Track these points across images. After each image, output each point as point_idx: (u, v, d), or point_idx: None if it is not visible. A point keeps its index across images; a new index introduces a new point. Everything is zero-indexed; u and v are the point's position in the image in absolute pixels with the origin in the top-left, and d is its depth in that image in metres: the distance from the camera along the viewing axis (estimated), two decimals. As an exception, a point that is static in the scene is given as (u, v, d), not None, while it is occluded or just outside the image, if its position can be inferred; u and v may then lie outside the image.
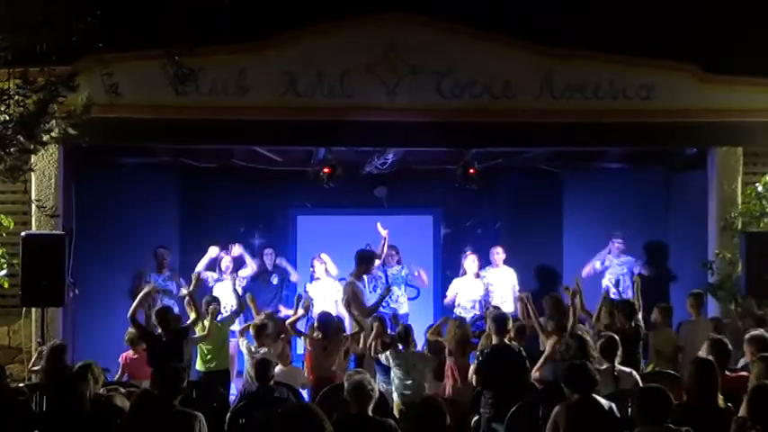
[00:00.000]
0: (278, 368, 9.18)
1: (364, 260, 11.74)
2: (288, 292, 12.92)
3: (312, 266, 12.60)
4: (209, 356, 10.48)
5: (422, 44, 11.39)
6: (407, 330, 9.80)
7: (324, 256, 12.62)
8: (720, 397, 6.86)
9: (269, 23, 11.54)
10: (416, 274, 12.96)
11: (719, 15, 12.22)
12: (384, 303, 12.37)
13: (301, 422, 5.62)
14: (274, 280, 12.93)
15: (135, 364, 10.22)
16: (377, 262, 12.10)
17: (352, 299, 11.19)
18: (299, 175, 13.16)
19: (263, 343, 10.01)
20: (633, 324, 9.91)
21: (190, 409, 6.94)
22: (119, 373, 10.30)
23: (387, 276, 12.66)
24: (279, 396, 8.26)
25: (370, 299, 11.64)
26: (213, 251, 12.41)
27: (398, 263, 12.94)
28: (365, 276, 11.80)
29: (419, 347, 10.09)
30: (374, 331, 10.08)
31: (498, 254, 13.03)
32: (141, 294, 10.12)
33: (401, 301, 12.73)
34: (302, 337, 10.43)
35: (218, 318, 10.56)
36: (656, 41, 12.02)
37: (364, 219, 14.03)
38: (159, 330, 9.76)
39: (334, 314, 11.01)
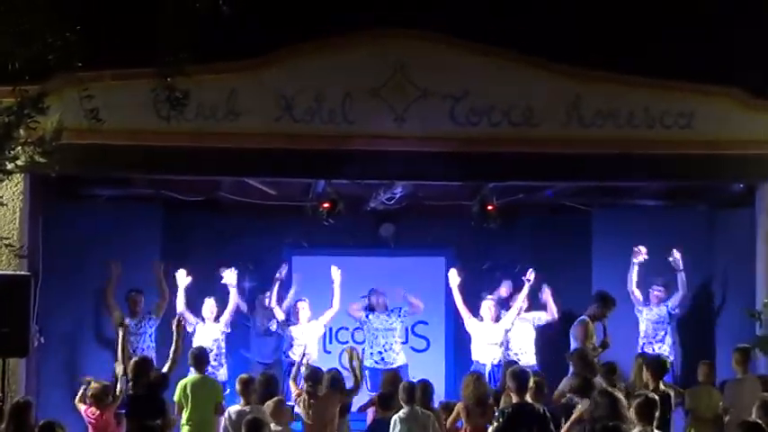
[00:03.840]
0: (273, 427, 9.12)
1: (603, 301, 12.34)
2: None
3: (296, 309, 12.68)
4: (190, 424, 10.34)
5: (434, 65, 11.39)
6: (413, 386, 9.72)
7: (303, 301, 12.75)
8: (772, 466, 6.74)
9: (263, 40, 11.53)
10: (410, 301, 12.96)
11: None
12: (377, 354, 12.45)
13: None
14: (273, 326, 12.89)
15: (99, 422, 10.12)
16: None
17: (582, 337, 11.88)
18: (295, 211, 13.12)
19: (249, 401, 9.94)
20: (662, 386, 9.74)
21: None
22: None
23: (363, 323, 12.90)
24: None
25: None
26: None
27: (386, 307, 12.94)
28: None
29: None
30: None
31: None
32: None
33: (396, 350, 12.69)
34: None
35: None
36: (698, 64, 12.01)
37: (368, 260, 14.04)
38: (130, 386, 9.82)
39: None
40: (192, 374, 10.62)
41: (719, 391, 10.82)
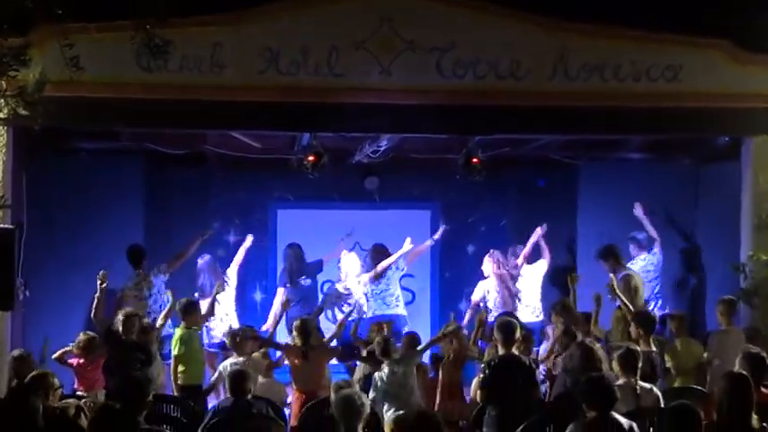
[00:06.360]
0: (260, 378, 9.21)
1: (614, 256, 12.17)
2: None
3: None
4: (179, 368, 10.48)
5: (420, 17, 11.32)
6: (387, 341, 9.86)
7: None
8: (755, 416, 6.86)
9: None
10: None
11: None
12: (384, 305, 12.65)
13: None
14: (306, 282, 12.98)
15: (86, 371, 10.23)
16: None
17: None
18: (281, 164, 13.12)
19: (243, 353, 10.06)
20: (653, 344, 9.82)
21: (158, 427, 6.91)
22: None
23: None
24: (257, 412, 8.25)
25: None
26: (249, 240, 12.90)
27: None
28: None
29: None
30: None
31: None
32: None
33: (399, 298, 12.95)
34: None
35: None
36: (686, 15, 11.97)
37: (353, 213, 14.09)
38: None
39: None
40: (182, 327, 10.70)
41: (699, 341, 10.99)
